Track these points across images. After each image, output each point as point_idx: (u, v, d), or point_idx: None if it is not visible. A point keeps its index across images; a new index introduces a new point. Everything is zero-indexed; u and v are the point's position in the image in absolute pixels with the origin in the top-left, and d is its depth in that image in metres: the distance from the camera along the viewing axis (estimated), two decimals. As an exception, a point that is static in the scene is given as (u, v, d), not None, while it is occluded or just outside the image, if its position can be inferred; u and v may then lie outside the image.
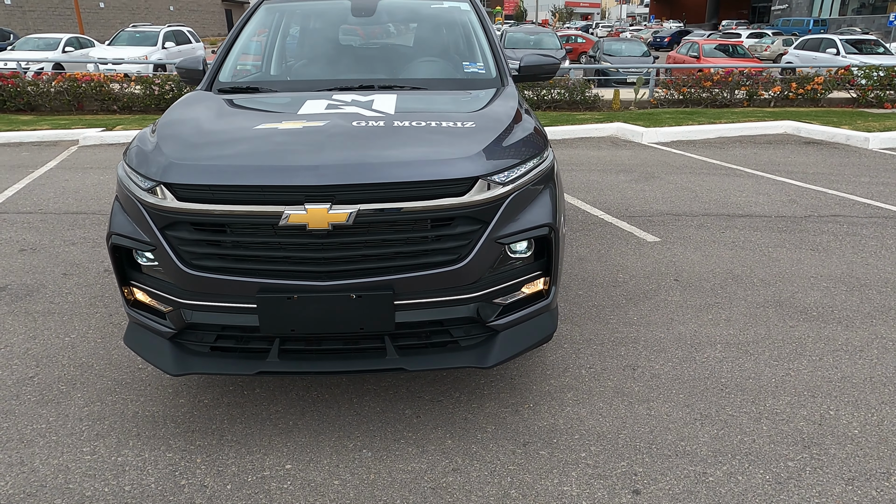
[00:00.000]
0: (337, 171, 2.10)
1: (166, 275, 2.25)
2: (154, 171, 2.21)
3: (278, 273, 2.18)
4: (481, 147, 2.29)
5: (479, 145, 2.30)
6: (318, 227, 2.09)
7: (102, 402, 2.78)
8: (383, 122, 2.46)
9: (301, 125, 2.43)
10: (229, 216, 2.13)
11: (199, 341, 2.35)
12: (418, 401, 2.76)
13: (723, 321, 3.50)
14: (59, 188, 6.57)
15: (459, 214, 2.19)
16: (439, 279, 2.20)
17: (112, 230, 2.33)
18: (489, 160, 2.25)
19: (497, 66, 3.34)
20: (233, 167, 2.14)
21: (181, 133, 2.43)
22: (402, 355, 2.31)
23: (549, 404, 2.73)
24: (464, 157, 2.22)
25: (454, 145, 2.29)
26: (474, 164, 2.21)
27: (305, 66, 3.46)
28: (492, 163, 2.25)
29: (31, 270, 4.32)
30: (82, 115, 11.67)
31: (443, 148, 2.27)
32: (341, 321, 2.20)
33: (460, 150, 2.25)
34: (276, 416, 2.67)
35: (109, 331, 3.45)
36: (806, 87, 11.74)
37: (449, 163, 2.18)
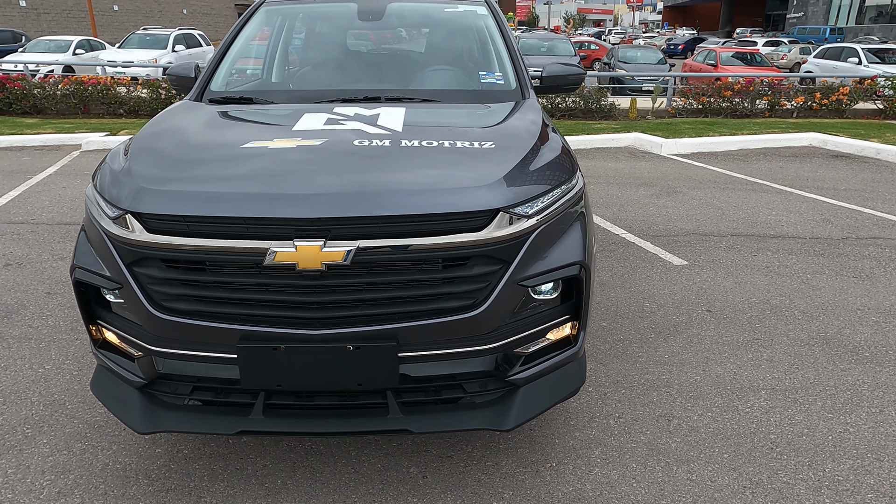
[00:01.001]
0: (332, 202, 1.78)
1: (135, 317, 1.93)
2: (122, 198, 1.90)
3: (262, 319, 1.86)
4: (503, 173, 1.96)
5: (500, 171, 1.97)
6: (310, 266, 1.76)
7: (70, 450, 2.47)
8: (389, 142, 2.14)
9: (294, 143, 2.11)
10: (206, 252, 1.81)
11: (172, 393, 2.03)
12: (425, 457, 2.43)
13: (765, 362, 3.14)
14: (55, 196, 6.31)
15: (476, 253, 1.86)
16: (452, 328, 1.88)
17: (76, 263, 2.02)
18: (511, 188, 1.92)
19: (517, 77, 3.01)
20: (211, 195, 1.82)
21: (157, 152, 2.12)
22: (407, 413, 1.97)
23: (575, 463, 2.39)
24: (482, 185, 1.89)
25: (471, 170, 1.97)
26: (494, 193, 1.88)
27: (306, 75, 3.16)
28: (515, 191, 1.92)
29: (13, 288, 4.03)
30: (88, 118, 11.48)
31: (458, 174, 1.94)
32: (336, 376, 1.87)
33: (478, 177, 1.93)
34: (263, 472, 2.34)
35: (88, 362, 3.14)
36: (831, 98, 11.32)
37: (465, 192, 1.86)
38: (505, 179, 1.94)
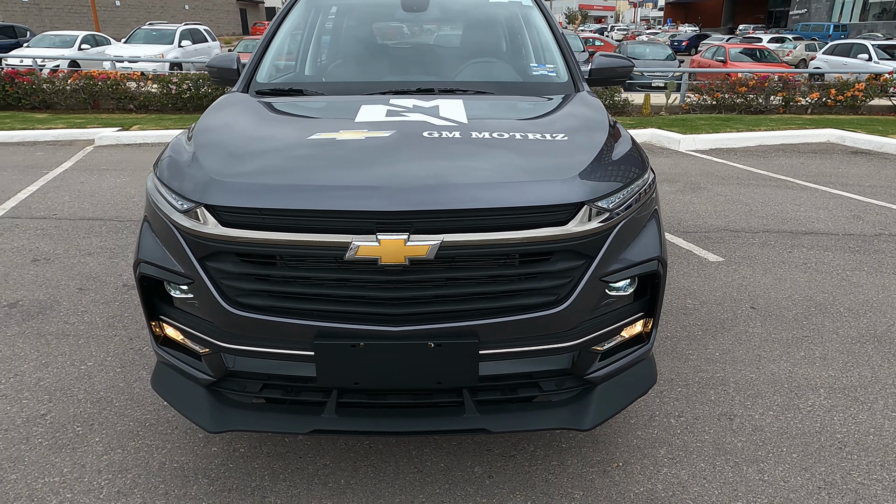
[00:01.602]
0: (416, 194, 1.72)
1: (206, 313, 1.88)
2: (193, 190, 1.84)
3: (340, 315, 1.81)
4: (584, 166, 1.91)
5: (580, 163, 1.92)
6: (393, 262, 1.71)
7: (124, 448, 2.42)
8: (459, 134, 2.08)
9: (363, 135, 2.05)
10: (283, 246, 1.76)
11: (241, 391, 1.97)
12: (487, 456, 2.38)
13: (818, 359, 3.09)
14: (75, 191, 6.25)
15: (560, 248, 1.80)
16: (533, 325, 1.82)
17: (140, 257, 1.96)
18: (594, 181, 1.87)
19: (568, 69, 2.95)
20: (289, 187, 1.77)
21: (223, 143, 2.06)
22: (484, 413, 1.92)
23: (642, 463, 2.34)
24: (566, 178, 1.84)
25: (551, 163, 1.91)
26: (578, 186, 1.83)
27: (352, 67, 3.09)
28: (597, 185, 1.86)
29: (44, 284, 3.98)
30: (98, 113, 11.40)
31: (539, 166, 1.89)
32: (415, 374, 1.82)
33: (560, 170, 1.87)
34: (325, 472, 2.29)
35: (130, 358, 3.09)
36: (846, 94, 11.25)
37: (550, 185, 1.80)
38: (587, 172, 1.88)
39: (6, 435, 2.49)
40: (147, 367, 3.00)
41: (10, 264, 4.30)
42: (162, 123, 10.13)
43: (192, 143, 2.10)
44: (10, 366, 3.01)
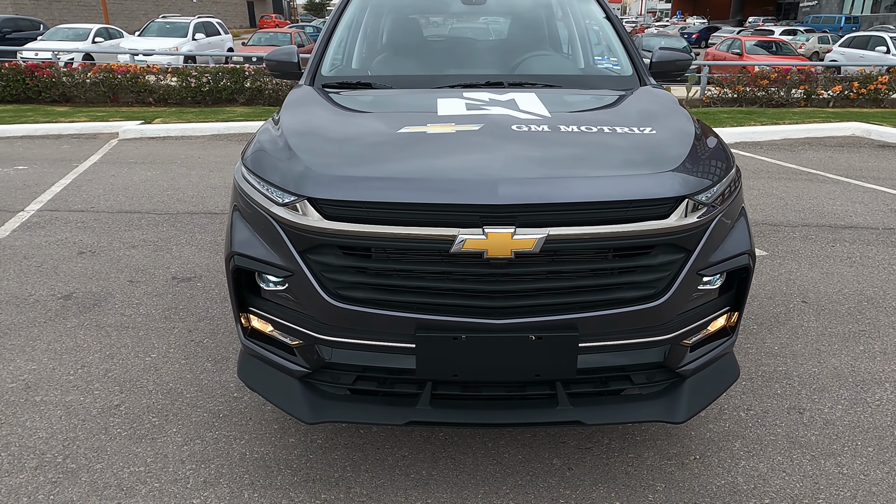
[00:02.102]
0: (522, 188, 1.73)
1: (304, 305, 1.89)
2: (294, 183, 1.85)
3: (442, 308, 1.82)
4: (681, 160, 1.91)
5: (677, 157, 1.92)
6: (499, 255, 1.72)
7: (202, 439, 2.45)
8: (547, 127, 2.09)
9: (453, 129, 2.06)
10: (387, 239, 1.77)
11: (335, 383, 1.99)
12: (564, 448, 2.40)
13: (878, 354, 3.09)
14: (107, 184, 6.28)
15: (662, 241, 1.81)
16: (633, 318, 1.83)
17: (234, 250, 1.98)
18: (692, 175, 1.87)
19: (632, 62, 2.95)
20: (394, 180, 1.78)
21: (317, 137, 2.08)
22: (576, 405, 1.94)
23: (719, 456, 2.35)
24: (667, 171, 1.85)
25: (648, 157, 1.92)
26: (679, 180, 1.83)
27: (414, 60, 3.09)
28: (695, 179, 1.87)
29: (94, 276, 4.01)
30: (118, 106, 11.43)
31: (637, 160, 1.89)
32: (515, 366, 1.83)
33: (659, 163, 1.88)
34: (405, 463, 2.31)
35: (192, 350, 3.12)
36: (868, 87, 11.17)
37: (652, 178, 1.81)
38: (685, 166, 1.89)
39: (85, 425, 2.52)
40: (211, 359, 3.03)
41: (58, 257, 4.33)
42: (184, 117, 10.15)
43: (284, 136, 2.10)
44: (75, 357, 3.04)
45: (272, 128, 2.25)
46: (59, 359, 3.02)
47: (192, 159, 7.53)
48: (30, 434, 2.47)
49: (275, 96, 11.61)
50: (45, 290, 3.81)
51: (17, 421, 2.55)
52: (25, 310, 3.54)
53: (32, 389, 2.77)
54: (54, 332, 3.29)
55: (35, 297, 3.70)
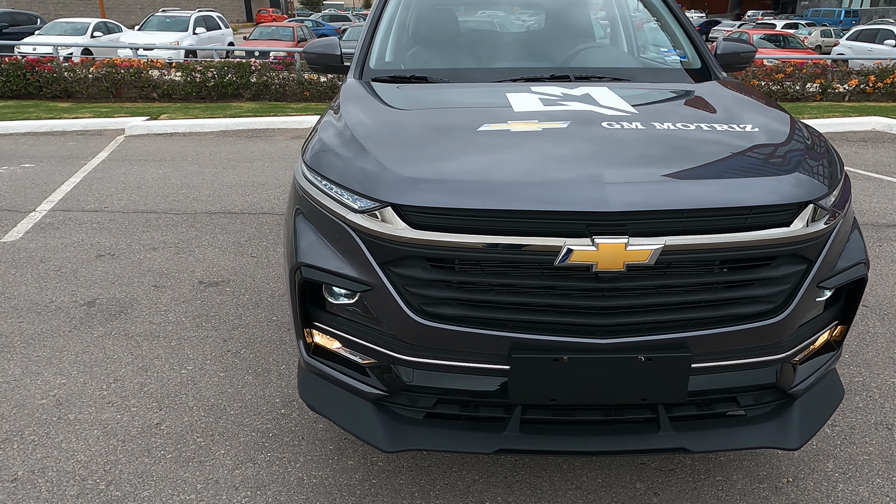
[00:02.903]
0: (634, 193, 1.55)
1: (384, 322, 1.71)
2: (375, 188, 1.67)
3: (541, 326, 1.65)
4: (798, 161, 1.74)
5: (792, 158, 1.75)
6: (610, 268, 1.54)
7: (254, 462, 2.27)
8: (640, 124, 1.91)
9: (539, 126, 1.88)
10: (482, 250, 1.59)
11: (413, 406, 1.82)
12: (645, 470, 2.23)
13: (956, 362, 2.94)
14: (119, 183, 6.07)
15: (784, 251, 1.64)
16: (751, 335, 1.66)
17: (301, 260, 1.80)
18: (813, 179, 1.70)
19: (699, 54, 2.77)
20: (490, 184, 1.60)
21: (393, 136, 1.89)
22: (679, 430, 1.77)
23: (813, 479, 2.19)
24: (787, 173, 1.67)
25: (761, 158, 1.74)
26: (801, 183, 1.66)
27: (463, 52, 2.90)
28: (817, 183, 1.70)
29: (116, 281, 3.82)
30: (121, 102, 11.19)
31: (751, 161, 1.72)
32: (620, 389, 1.66)
33: (775, 165, 1.71)
34: (477, 488, 2.14)
35: (230, 362, 2.93)
36: (885, 81, 11.02)
37: (773, 182, 1.63)
38: (805, 168, 1.72)
39: (125, 447, 2.34)
40: (251, 372, 2.85)
41: (76, 260, 4.14)
42: (190, 112, 9.93)
43: (353, 135, 1.91)
44: (106, 369, 2.86)
45: (335, 125, 2.06)
46: (89, 372, 2.84)
47: (204, 156, 7.32)
48: (67, 457, 2.29)
49: (281, 91, 11.39)
50: (67, 295, 3.62)
51: (52, 442, 2.37)
52: (48, 318, 3.35)
53: (65, 406, 2.59)
54: (81, 341, 3.11)
55: (57, 304, 3.51)
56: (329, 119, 2.16)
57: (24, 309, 3.45)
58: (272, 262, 4.13)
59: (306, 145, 2.09)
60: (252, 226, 4.85)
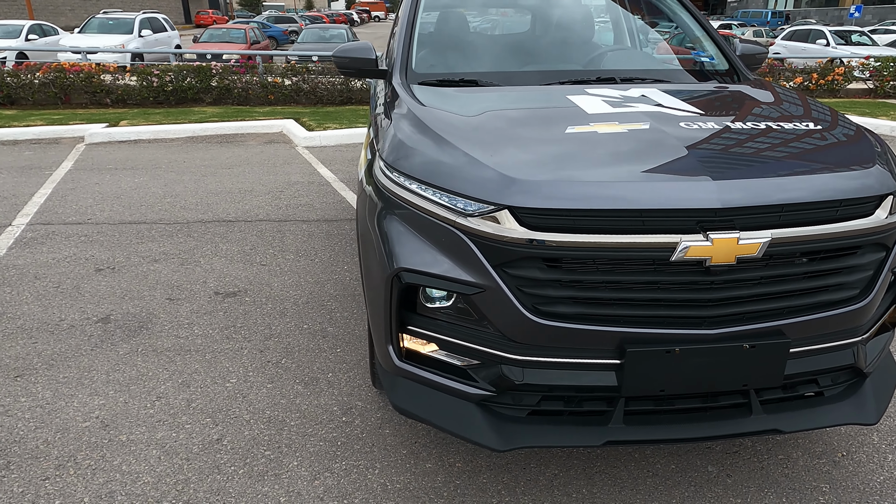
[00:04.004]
0: (742, 189, 1.64)
1: (495, 323, 1.74)
2: (488, 192, 1.69)
3: (653, 320, 1.71)
4: (872, 156, 1.87)
5: (865, 153, 1.88)
6: (723, 261, 1.63)
7: (331, 472, 2.25)
8: (714, 124, 2.00)
9: (624, 128, 1.95)
10: (599, 249, 1.64)
11: (516, 405, 1.85)
12: (712, 454, 2.33)
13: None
14: (96, 193, 5.81)
15: (868, 241, 1.76)
16: (839, 320, 1.78)
17: (402, 265, 1.80)
18: (886, 172, 1.83)
19: (725, 56, 2.91)
20: (604, 184, 1.65)
21: (486, 139, 1.91)
22: (770, 413, 1.87)
23: (864, 451, 2.35)
24: (867, 167, 1.80)
25: (838, 154, 1.86)
26: (880, 176, 1.79)
27: (504, 56, 2.94)
28: (890, 176, 1.83)
29: (124, 295, 3.67)
30: (72, 108, 10.66)
31: (831, 157, 1.83)
32: (725, 377, 1.75)
33: (854, 160, 1.83)
34: (559, 482, 2.19)
35: (273, 372, 2.88)
36: (827, 78, 11.74)
37: (857, 176, 1.76)
38: (879, 161, 1.85)
39: (192, 465, 2.27)
40: (299, 381, 2.80)
41: (75, 276, 3.95)
42: (151, 118, 9.56)
43: (444, 139, 1.92)
44: (145, 387, 2.75)
45: (412, 126, 2.05)
46: (127, 390, 2.73)
47: (178, 163, 7.08)
48: (132, 480, 2.20)
49: (244, 95, 11.11)
50: (76, 313, 3.45)
51: (110, 466, 2.27)
52: (63, 337, 3.19)
53: (112, 427, 2.48)
54: (108, 360, 2.98)
55: (68, 322, 3.35)
56: (401, 118, 2.14)
57: (33, 329, 3.27)
58: (285, 270, 4.05)
59: (381, 147, 2.08)
60: (252, 234, 4.74)
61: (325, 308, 3.52)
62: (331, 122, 9.21)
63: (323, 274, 3.98)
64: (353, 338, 3.18)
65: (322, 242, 4.54)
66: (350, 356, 3.02)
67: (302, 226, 4.92)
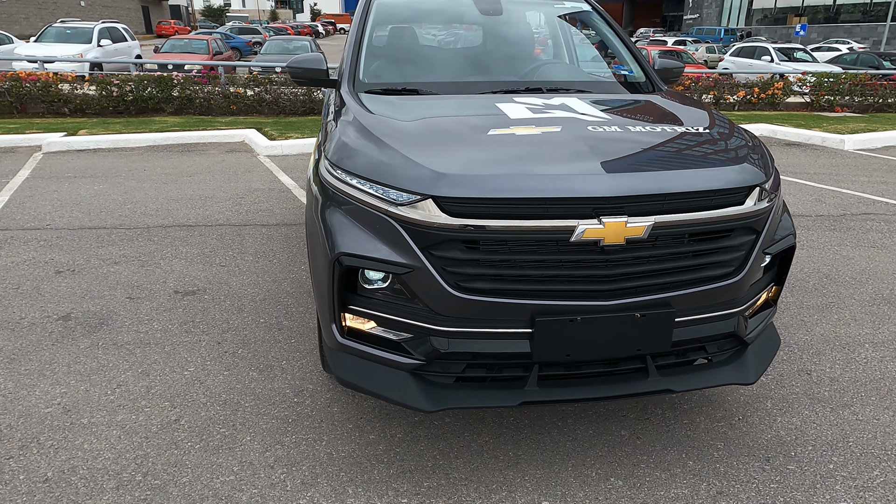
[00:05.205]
0: (631, 180, 1.93)
1: (423, 299, 1.99)
2: (416, 184, 1.94)
3: (559, 293, 1.98)
4: (745, 154, 2.19)
5: (741, 152, 2.20)
6: (614, 241, 1.91)
7: (282, 444, 2.45)
8: (617, 127, 2.30)
9: (538, 130, 2.23)
10: (510, 232, 1.91)
11: (444, 372, 2.10)
12: (625, 421, 2.62)
13: (851, 321, 3.58)
14: (54, 201, 5.87)
15: (740, 225, 2.08)
16: (718, 293, 2.08)
17: (343, 250, 2.03)
18: (755, 168, 2.16)
19: (642, 69, 3.25)
20: (515, 177, 1.92)
21: (417, 139, 2.16)
22: (665, 376, 2.16)
23: (758, 415, 2.67)
24: (738, 164, 2.12)
25: (718, 152, 2.18)
26: (749, 171, 2.11)
27: (442, 68, 3.22)
28: (758, 171, 2.15)
29: (85, 295, 3.79)
30: (28, 118, 10.57)
31: (712, 155, 2.15)
32: (621, 343, 2.03)
33: (730, 157, 2.15)
34: (490, 447, 2.45)
35: (230, 361, 3.06)
36: (767, 92, 12.45)
37: (731, 171, 2.07)
38: (750, 159, 2.17)
39: (150, 442, 2.45)
40: (254, 368, 3.00)
41: (35, 277, 4.05)
42: (111, 128, 9.56)
43: (380, 139, 2.17)
44: (105, 377, 2.91)
45: (354, 130, 2.30)
46: (88, 380, 2.88)
47: (137, 171, 7.16)
48: (94, 456, 2.36)
49: (206, 105, 11.19)
50: (37, 311, 3.57)
51: (73, 445, 2.43)
52: (23, 334, 3.31)
53: (74, 412, 2.63)
54: (69, 353, 3.12)
55: (29, 320, 3.46)
56: (345, 123, 2.39)
57: (-6, 327, 3.38)
58: (243, 270, 4.23)
59: (327, 148, 2.32)
60: (212, 237, 4.89)
61: (282, 304, 3.71)
62: (293, 131, 9.38)
63: (280, 273, 4.17)
64: (307, 330, 3.39)
65: (280, 245, 4.73)
66: (304, 346, 3.22)
67: (262, 229, 5.09)
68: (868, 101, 12.67)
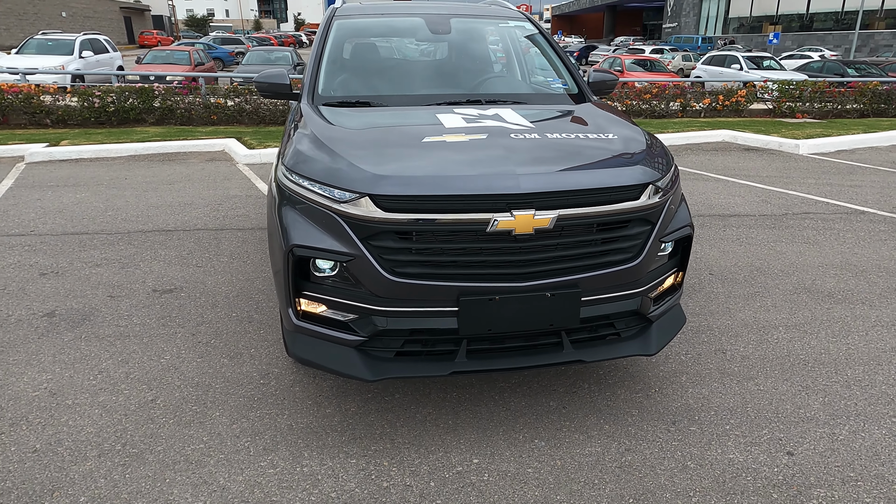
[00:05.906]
0: (537, 179, 2.28)
1: (364, 283, 2.31)
2: (355, 184, 2.27)
3: (479, 276, 2.32)
4: (642, 156, 2.55)
5: (641, 154, 2.56)
6: (524, 231, 2.25)
7: (247, 418, 2.75)
8: (536, 135, 2.65)
9: (467, 138, 2.57)
10: (436, 224, 2.24)
11: (385, 348, 2.42)
12: (555, 394, 2.96)
13: (771, 307, 3.95)
14: (38, 208, 6.12)
15: (636, 217, 2.43)
16: (618, 276, 2.43)
17: (296, 242, 2.36)
18: (650, 168, 2.51)
19: (576, 82, 3.61)
20: (439, 178, 2.26)
21: (360, 146, 2.49)
22: (577, 349, 2.50)
23: (672, 388, 3.01)
24: (635, 164, 2.47)
25: (618, 154, 2.53)
26: (645, 170, 2.46)
27: (395, 82, 3.56)
28: (652, 170, 2.51)
29: (68, 295, 4.07)
30: (9, 129, 10.76)
31: (613, 157, 2.50)
32: (535, 318, 2.37)
33: (628, 159, 2.50)
34: (432, 417, 2.77)
35: (203, 350, 3.36)
36: (731, 100, 12.97)
37: (627, 170, 2.42)
38: (647, 161, 2.53)
39: (129, 419, 2.74)
40: (225, 356, 3.29)
41: (20, 279, 4.31)
42: (93, 138, 9.79)
43: (327, 146, 2.50)
44: (88, 365, 3.19)
45: (308, 138, 2.63)
46: (72, 367, 3.16)
47: (119, 180, 7.42)
48: (77, 431, 2.65)
49: (187, 116, 11.46)
50: (23, 309, 3.84)
51: (58, 422, 2.71)
52: (11, 329, 3.58)
53: (59, 395, 2.91)
54: (54, 346, 3.39)
55: (16, 317, 3.73)
56: (301, 133, 2.72)
57: (-17, 323, 3.64)
58: (219, 270, 4.52)
59: (284, 153, 2.64)
60: (190, 241, 5.18)
61: (253, 300, 4.02)
62: (272, 140, 9.67)
63: (253, 273, 4.48)
64: (276, 322, 3.69)
65: (255, 247, 5.03)
66: (272, 336, 3.53)
67: (238, 233, 5.39)
68: (827, 107, 13.24)
